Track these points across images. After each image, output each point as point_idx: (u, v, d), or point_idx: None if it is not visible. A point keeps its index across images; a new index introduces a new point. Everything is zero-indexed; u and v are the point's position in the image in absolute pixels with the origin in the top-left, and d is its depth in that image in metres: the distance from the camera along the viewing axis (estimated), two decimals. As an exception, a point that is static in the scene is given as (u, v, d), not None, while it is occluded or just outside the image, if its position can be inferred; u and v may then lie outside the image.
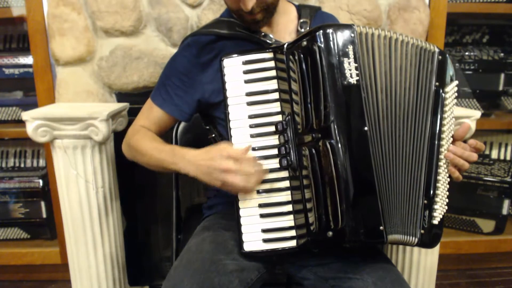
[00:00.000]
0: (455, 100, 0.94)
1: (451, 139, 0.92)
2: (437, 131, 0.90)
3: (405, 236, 0.88)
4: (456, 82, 0.94)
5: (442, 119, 0.91)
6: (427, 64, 0.91)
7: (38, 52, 1.59)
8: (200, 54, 1.03)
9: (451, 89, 0.93)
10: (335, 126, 0.80)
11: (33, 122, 1.30)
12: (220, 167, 0.84)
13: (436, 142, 0.90)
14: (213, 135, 1.08)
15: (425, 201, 0.89)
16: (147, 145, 1.01)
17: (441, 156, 0.91)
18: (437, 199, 0.90)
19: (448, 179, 0.92)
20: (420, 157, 0.89)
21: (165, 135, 1.13)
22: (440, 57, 0.91)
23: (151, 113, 1.08)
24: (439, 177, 0.91)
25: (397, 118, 0.87)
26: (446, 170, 0.91)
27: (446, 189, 0.92)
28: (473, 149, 0.92)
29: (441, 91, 0.91)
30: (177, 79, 1.05)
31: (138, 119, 1.10)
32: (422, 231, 0.89)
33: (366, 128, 0.82)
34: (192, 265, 0.88)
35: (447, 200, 0.92)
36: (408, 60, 0.89)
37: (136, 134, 1.06)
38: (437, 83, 0.91)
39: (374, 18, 1.53)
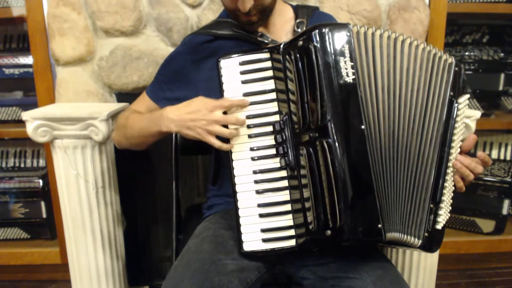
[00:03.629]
0: (466, 112, 0.96)
1: (459, 149, 0.93)
2: (448, 139, 0.91)
3: (407, 236, 0.87)
4: (468, 95, 0.95)
5: (453, 128, 0.92)
6: (442, 72, 0.92)
7: (38, 52, 1.60)
8: (194, 52, 1.05)
9: (464, 101, 0.94)
10: (332, 125, 0.80)
11: (33, 122, 1.30)
12: (209, 118, 0.87)
13: (446, 150, 0.91)
14: None
15: (431, 205, 0.90)
16: (133, 118, 1.07)
17: (449, 164, 0.91)
18: (442, 205, 0.91)
19: (453, 188, 0.93)
20: (428, 161, 0.90)
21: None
22: (456, 68, 0.93)
23: (143, 104, 1.13)
24: (445, 184, 0.91)
25: (400, 118, 0.87)
26: (452, 179, 0.92)
27: (450, 197, 0.93)
28: (480, 161, 0.92)
29: (454, 101, 0.92)
30: (170, 75, 1.08)
31: (131, 106, 1.16)
32: (426, 234, 0.89)
33: (363, 127, 0.82)
34: (192, 265, 0.89)
35: (450, 208, 0.93)
36: (417, 63, 0.89)
37: (124, 114, 1.12)
38: (451, 93, 0.92)
39: (374, 18, 1.53)
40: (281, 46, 0.89)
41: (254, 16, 0.97)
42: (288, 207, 0.89)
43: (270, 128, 0.90)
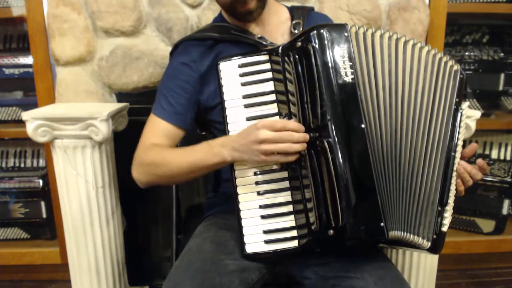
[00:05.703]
0: (466, 119, 0.97)
1: (460, 154, 0.94)
2: (454, 144, 0.92)
3: (413, 236, 0.88)
4: (468, 103, 0.96)
5: (458, 133, 0.93)
6: (448, 77, 0.92)
7: (38, 52, 1.59)
8: (198, 60, 1.03)
9: (465, 107, 0.95)
10: (332, 125, 0.81)
11: (33, 122, 1.30)
12: (257, 138, 0.81)
13: (453, 154, 0.92)
14: None
15: (439, 208, 0.90)
16: (171, 155, 0.97)
17: (454, 168, 0.92)
18: (447, 208, 0.91)
19: (455, 192, 0.94)
20: (436, 163, 0.90)
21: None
22: (461, 76, 0.94)
23: (156, 128, 1.03)
24: (451, 187, 0.92)
25: (403, 118, 0.87)
26: (455, 183, 0.93)
27: (453, 200, 0.93)
28: (478, 168, 0.93)
29: (459, 107, 0.93)
30: (178, 87, 1.03)
31: (145, 138, 1.03)
32: (435, 236, 0.90)
33: (363, 126, 0.82)
34: (192, 265, 0.89)
35: (452, 210, 0.93)
36: (422, 65, 0.90)
37: (150, 151, 1.00)
38: (457, 99, 0.93)
39: (374, 18, 1.53)
40: (280, 47, 0.89)
41: (251, 3, 0.97)
42: (290, 208, 0.89)
43: None
